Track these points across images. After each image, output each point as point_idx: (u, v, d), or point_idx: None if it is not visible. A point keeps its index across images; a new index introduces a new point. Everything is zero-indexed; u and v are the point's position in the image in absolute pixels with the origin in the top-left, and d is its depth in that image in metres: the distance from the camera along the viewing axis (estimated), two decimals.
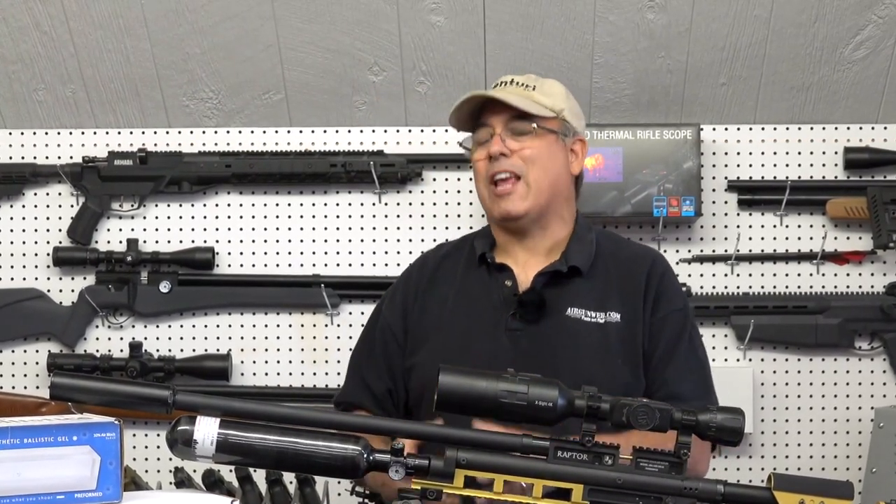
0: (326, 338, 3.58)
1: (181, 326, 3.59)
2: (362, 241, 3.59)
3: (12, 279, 3.59)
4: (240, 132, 3.61)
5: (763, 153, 3.59)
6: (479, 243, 2.35)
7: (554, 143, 2.30)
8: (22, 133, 3.61)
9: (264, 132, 3.61)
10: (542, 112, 2.27)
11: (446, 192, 3.58)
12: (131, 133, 3.61)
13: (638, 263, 2.30)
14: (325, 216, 3.60)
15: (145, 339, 3.57)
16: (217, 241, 3.60)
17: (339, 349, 3.55)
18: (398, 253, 3.59)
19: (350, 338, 3.49)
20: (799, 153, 3.59)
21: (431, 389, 2.21)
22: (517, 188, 2.26)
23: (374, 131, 3.60)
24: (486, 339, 2.22)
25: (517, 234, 2.30)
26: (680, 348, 2.25)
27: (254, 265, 3.60)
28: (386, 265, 3.58)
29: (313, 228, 3.60)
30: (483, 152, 2.28)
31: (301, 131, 3.61)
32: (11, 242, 3.60)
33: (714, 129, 3.58)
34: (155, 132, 3.61)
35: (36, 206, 3.60)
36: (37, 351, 3.59)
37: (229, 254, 3.61)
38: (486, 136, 2.29)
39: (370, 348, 2.36)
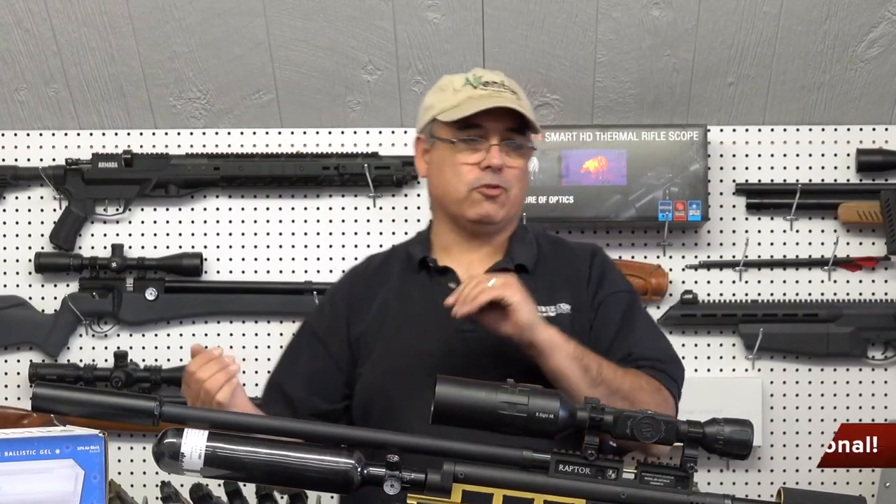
0: None
1: (168, 335, 3.59)
2: (356, 246, 3.59)
3: None
4: (229, 133, 3.61)
5: (772, 155, 3.60)
6: (414, 249, 2.36)
7: (531, 159, 2.37)
8: (3, 134, 3.61)
9: (254, 133, 3.61)
10: (533, 126, 2.31)
11: None
12: (116, 134, 3.61)
13: (580, 255, 2.38)
14: (318, 220, 3.60)
15: (131, 348, 3.57)
16: (205, 247, 3.60)
17: None
18: None
19: None
20: (809, 155, 3.60)
21: (381, 397, 2.19)
22: (500, 197, 2.28)
23: (368, 132, 3.60)
24: (437, 342, 2.23)
25: (473, 237, 2.32)
26: (637, 320, 2.33)
27: (243, 272, 3.60)
28: None
29: (305, 233, 3.60)
30: (473, 157, 2.28)
31: (292, 132, 3.61)
32: None
33: (721, 131, 3.59)
34: (141, 133, 3.61)
35: (17, 211, 3.61)
36: (18, 361, 3.59)
37: (218, 260, 3.61)
38: (476, 138, 2.28)
39: (294, 359, 2.37)
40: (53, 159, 3.60)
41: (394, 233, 3.58)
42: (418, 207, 3.59)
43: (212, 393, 2.09)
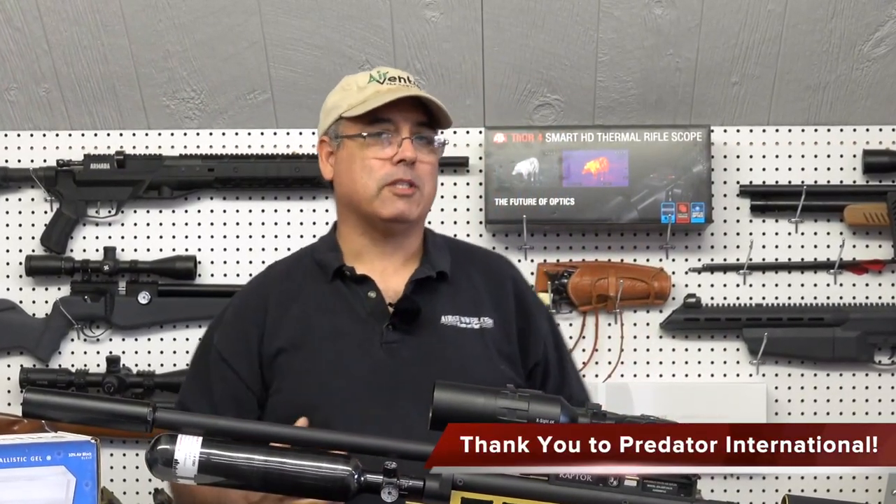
0: None
1: (161, 340, 3.59)
2: None
3: None
4: (223, 134, 3.61)
5: (777, 156, 3.60)
6: (325, 257, 2.31)
7: (440, 155, 2.34)
8: None
9: (249, 134, 3.61)
10: (442, 122, 2.30)
11: (442, 196, 3.58)
12: (108, 135, 3.61)
13: (499, 267, 2.39)
14: (314, 223, 3.60)
15: (123, 352, 3.56)
16: (199, 250, 3.60)
17: None
18: None
19: None
20: (815, 156, 3.60)
21: (309, 411, 2.12)
22: (414, 194, 2.26)
23: None
24: (361, 355, 2.20)
25: (385, 238, 2.29)
26: (565, 351, 2.41)
27: (238, 275, 3.59)
28: None
29: (301, 236, 3.59)
30: (384, 151, 2.25)
31: (288, 133, 3.61)
32: None
33: (725, 131, 3.59)
34: (133, 134, 3.61)
35: (7, 213, 3.60)
36: (8, 366, 3.58)
37: (212, 263, 3.61)
38: (386, 132, 2.26)
39: (202, 386, 2.28)
40: (44, 160, 3.60)
41: None
42: None
43: None
